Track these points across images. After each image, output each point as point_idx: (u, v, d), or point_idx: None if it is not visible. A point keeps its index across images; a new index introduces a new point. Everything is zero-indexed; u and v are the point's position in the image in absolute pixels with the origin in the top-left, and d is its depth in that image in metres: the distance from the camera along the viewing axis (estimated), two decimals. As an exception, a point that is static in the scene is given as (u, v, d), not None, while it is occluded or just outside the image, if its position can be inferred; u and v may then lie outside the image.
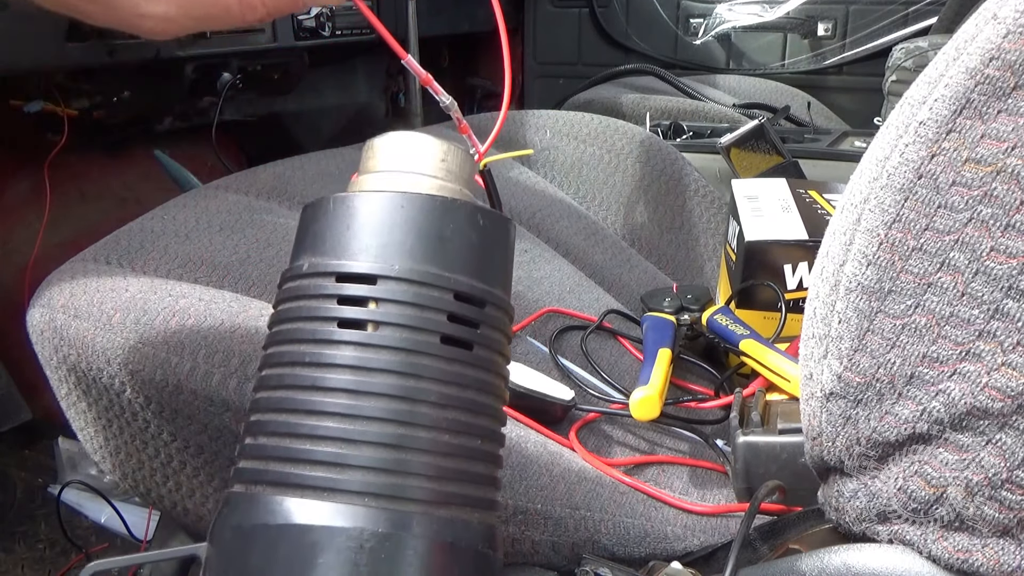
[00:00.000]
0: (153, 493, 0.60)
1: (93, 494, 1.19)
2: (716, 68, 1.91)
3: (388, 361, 0.30)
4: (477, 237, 0.32)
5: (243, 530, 0.29)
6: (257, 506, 0.29)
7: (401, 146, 0.34)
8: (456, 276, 0.31)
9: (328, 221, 0.32)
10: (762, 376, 0.66)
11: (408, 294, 0.31)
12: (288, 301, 0.32)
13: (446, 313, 0.31)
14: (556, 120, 1.10)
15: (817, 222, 0.77)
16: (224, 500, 0.31)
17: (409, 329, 0.30)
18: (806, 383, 0.39)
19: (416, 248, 0.31)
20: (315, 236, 0.33)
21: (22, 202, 1.34)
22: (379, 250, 0.31)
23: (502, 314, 0.33)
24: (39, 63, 1.06)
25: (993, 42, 0.31)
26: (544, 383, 0.63)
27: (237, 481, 0.31)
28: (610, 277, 0.93)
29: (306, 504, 0.29)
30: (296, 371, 0.31)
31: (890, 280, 0.34)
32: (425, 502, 0.30)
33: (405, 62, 0.39)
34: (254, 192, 0.81)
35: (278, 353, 0.32)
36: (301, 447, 0.30)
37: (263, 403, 0.31)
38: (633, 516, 0.53)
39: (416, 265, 0.31)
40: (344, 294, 0.31)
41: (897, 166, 0.34)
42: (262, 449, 0.31)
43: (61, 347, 0.57)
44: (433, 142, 0.34)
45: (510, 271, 0.35)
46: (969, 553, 0.34)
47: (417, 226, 0.31)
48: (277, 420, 0.31)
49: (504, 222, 0.34)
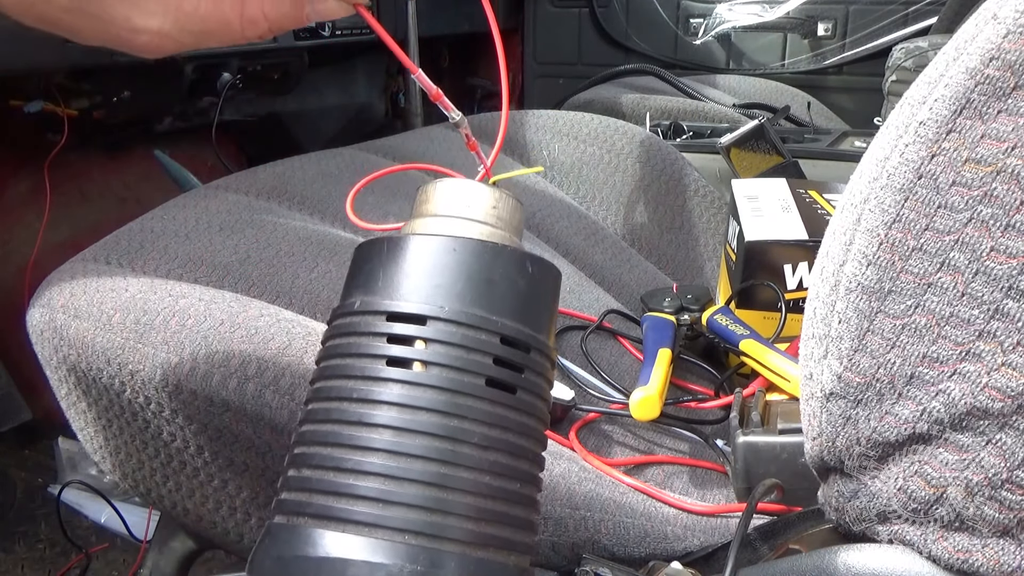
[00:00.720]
0: (153, 493, 0.60)
1: (93, 494, 1.19)
2: (716, 68, 1.91)
3: (434, 400, 0.31)
4: (525, 283, 0.33)
5: (284, 561, 0.30)
6: (298, 538, 0.30)
7: (454, 192, 0.35)
8: (503, 320, 0.32)
9: (381, 261, 0.33)
10: (762, 376, 0.66)
11: (456, 336, 0.31)
12: (338, 337, 0.33)
13: (492, 356, 0.32)
14: (556, 120, 1.10)
15: (817, 222, 0.77)
16: (266, 530, 0.32)
17: (456, 370, 0.31)
18: (806, 383, 0.39)
19: (466, 291, 0.32)
20: (367, 275, 0.33)
21: (22, 202, 1.34)
22: (429, 292, 0.32)
23: (546, 360, 0.34)
24: (39, 63, 1.06)
25: (993, 42, 0.31)
26: (544, 383, 0.63)
27: (279, 512, 0.32)
28: (610, 277, 0.93)
29: (346, 539, 0.29)
30: (343, 406, 0.31)
31: (890, 280, 0.34)
32: (463, 543, 0.30)
33: (415, 76, 0.39)
34: (254, 192, 0.81)
35: (326, 388, 0.32)
36: (344, 481, 0.30)
37: (308, 436, 0.32)
38: (633, 516, 0.53)
39: (465, 308, 0.32)
40: (394, 333, 0.32)
41: (897, 166, 0.34)
42: (306, 482, 0.31)
43: (61, 347, 0.57)
44: (486, 190, 0.35)
45: (555, 317, 0.36)
46: (969, 553, 0.34)
47: (467, 270, 0.32)
48: (322, 453, 0.31)
49: (551, 269, 0.35)
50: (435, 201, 0.35)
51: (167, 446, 0.55)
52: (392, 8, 1.60)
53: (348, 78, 1.82)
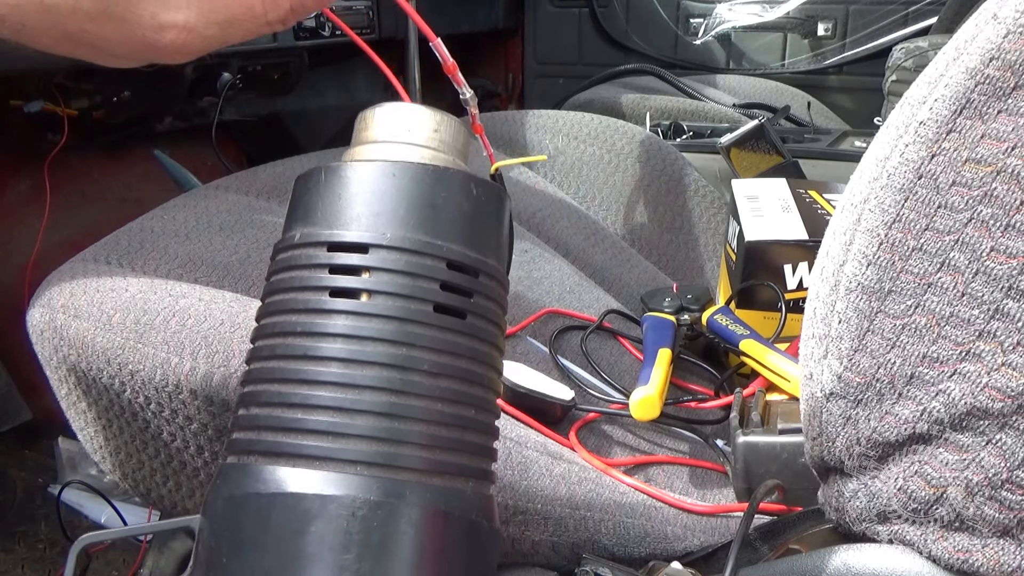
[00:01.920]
0: (153, 493, 0.60)
1: (93, 494, 1.19)
2: (716, 68, 1.90)
3: (381, 330, 0.30)
4: (470, 206, 0.32)
5: (235, 500, 0.29)
6: (249, 476, 0.29)
7: (394, 116, 0.34)
8: (449, 244, 0.31)
9: (320, 191, 0.32)
10: (762, 376, 0.66)
11: (400, 262, 0.31)
12: (280, 272, 0.32)
13: (439, 282, 0.31)
14: (556, 120, 1.10)
15: (817, 222, 0.77)
16: (217, 472, 0.31)
17: (402, 298, 0.30)
18: (806, 383, 0.39)
19: (408, 217, 0.31)
20: (306, 206, 0.33)
21: (22, 202, 1.34)
22: (371, 219, 0.31)
23: (496, 284, 0.33)
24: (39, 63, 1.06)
25: (993, 42, 0.31)
26: (544, 383, 0.63)
27: (230, 452, 0.31)
28: (610, 277, 0.93)
29: (298, 473, 0.29)
30: (288, 341, 0.31)
31: (890, 280, 0.34)
32: (418, 471, 0.30)
33: (433, 45, 0.39)
34: (254, 192, 0.81)
35: (270, 324, 0.32)
36: (293, 416, 0.30)
37: (255, 374, 0.31)
38: (633, 516, 0.53)
39: (408, 233, 0.31)
40: (336, 263, 0.31)
41: (897, 166, 0.34)
42: (254, 419, 0.30)
43: (61, 347, 0.57)
44: (426, 112, 0.34)
45: (504, 241, 0.35)
46: (969, 553, 0.34)
47: (409, 195, 0.31)
48: (269, 390, 0.30)
49: (497, 191, 0.34)
50: (374, 126, 0.34)
51: (167, 446, 0.55)
52: (392, 8, 1.60)
53: (348, 78, 1.82)
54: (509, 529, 0.50)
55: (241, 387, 0.32)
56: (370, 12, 1.54)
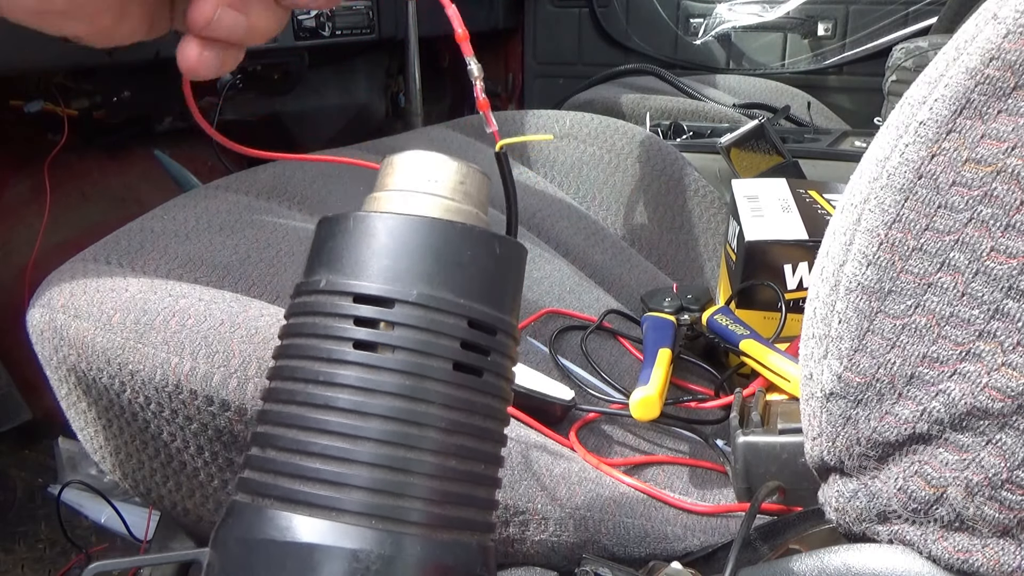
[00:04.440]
0: (153, 493, 0.60)
1: (93, 494, 1.19)
2: (716, 68, 1.90)
3: (400, 385, 0.30)
4: (493, 265, 0.33)
5: (249, 544, 0.30)
6: (264, 520, 0.30)
7: (420, 166, 0.34)
8: (471, 304, 0.32)
9: (347, 239, 0.33)
10: (762, 376, 0.66)
11: (424, 320, 0.31)
12: (303, 315, 0.33)
13: (459, 340, 0.32)
14: (556, 120, 1.10)
15: (817, 222, 0.77)
16: (229, 508, 0.31)
17: (422, 355, 0.31)
18: (806, 383, 0.39)
19: (434, 274, 0.32)
20: (331, 252, 0.33)
21: (22, 202, 1.34)
22: (398, 273, 0.32)
23: (511, 340, 0.34)
24: (39, 63, 1.06)
25: (993, 42, 0.31)
26: (544, 383, 0.63)
27: (243, 491, 0.31)
28: (610, 277, 0.93)
29: (314, 523, 0.29)
30: (308, 388, 0.31)
31: (890, 280, 0.34)
32: (428, 526, 0.30)
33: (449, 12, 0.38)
34: (254, 192, 0.81)
35: (290, 367, 0.32)
36: (312, 465, 0.30)
37: (274, 417, 0.32)
38: (633, 516, 0.53)
39: (434, 292, 0.31)
40: (361, 315, 0.31)
41: (897, 166, 0.34)
42: (271, 463, 0.31)
43: (61, 347, 0.57)
44: (452, 164, 0.34)
45: (520, 297, 0.36)
46: (969, 553, 0.34)
47: (436, 252, 0.32)
48: (287, 436, 0.31)
49: (518, 249, 0.35)
50: (400, 174, 0.34)
51: (167, 446, 0.55)
52: (392, 8, 1.60)
53: (348, 78, 1.82)
54: (509, 529, 0.50)
55: (256, 424, 0.33)
56: (370, 12, 1.54)
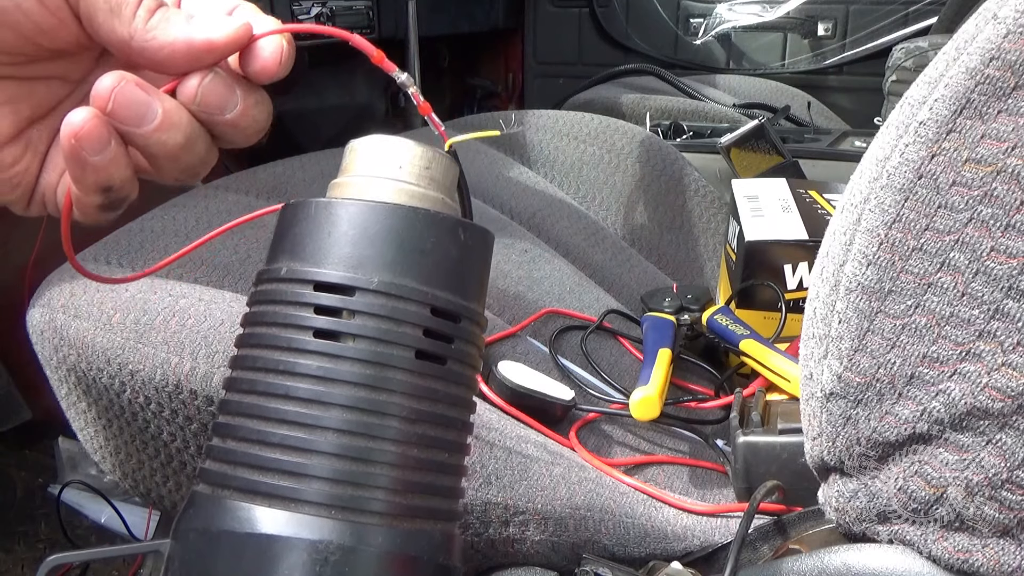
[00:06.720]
0: (153, 493, 0.60)
1: (93, 494, 1.19)
2: (716, 68, 1.91)
3: (361, 375, 0.30)
4: (457, 251, 0.32)
5: (208, 535, 0.29)
6: (223, 511, 0.29)
7: (384, 151, 0.34)
8: (434, 291, 0.31)
9: (309, 226, 0.32)
10: (762, 376, 0.66)
11: (386, 308, 0.30)
12: (263, 304, 0.32)
13: (422, 328, 0.31)
14: (556, 120, 1.10)
15: (817, 222, 0.77)
16: (189, 499, 0.31)
17: (384, 343, 0.30)
18: (806, 383, 0.39)
19: (396, 261, 0.31)
20: (294, 240, 0.32)
21: (22, 202, 1.34)
22: (359, 261, 0.31)
23: (476, 328, 0.33)
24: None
25: (993, 42, 0.31)
26: (544, 383, 0.63)
27: (203, 481, 0.31)
28: (610, 277, 0.93)
29: (273, 514, 0.29)
30: (268, 378, 0.31)
31: (890, 280, 0.34)
32: (390, 515, 0.30)
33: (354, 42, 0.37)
34: (254, 192, 0.81)
35: (251, 356, 0.32)
36: (271, 456, 0.30)
37: (233, 406, 0.31)
38: (633, 516, 0.53)
39: (395, 279, 0.31)
40: (321, 304, 0.31)
41: (897, 166, 0.34)
42: (231, 453, 0.30)
43: (61, 347, 0.57)
44: (417, 149, 0.33)
45: (486, 284, 0.35)
46: (969, 553, 0.34)
47: (399, 239, 0.31)
48: (247, 426, 0.30)
49: (484, 235, 0.34)
50: (364, 160, 0.34)
51: (167, 446, 0.55)
52: (392, 8, 1.60)
53: (348, 78, 1.82)
54: (509, 529, 0.50)
55: (216, 415, 0.32)
56: (370, 12, 1.54)
